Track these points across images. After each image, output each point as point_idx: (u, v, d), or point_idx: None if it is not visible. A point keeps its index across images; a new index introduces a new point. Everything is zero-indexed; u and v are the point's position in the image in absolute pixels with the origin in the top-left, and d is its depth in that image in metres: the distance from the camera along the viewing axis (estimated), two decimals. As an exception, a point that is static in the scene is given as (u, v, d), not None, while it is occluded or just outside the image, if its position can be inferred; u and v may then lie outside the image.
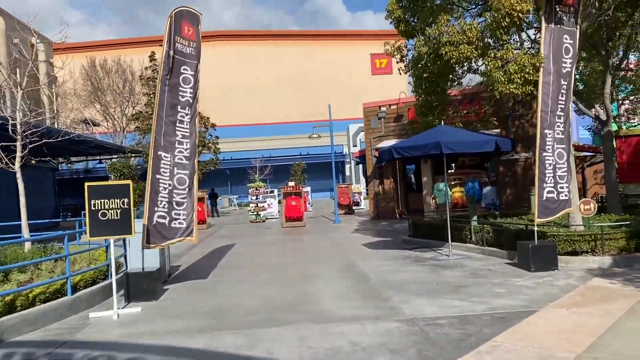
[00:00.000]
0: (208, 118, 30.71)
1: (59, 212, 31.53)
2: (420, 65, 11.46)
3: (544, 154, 9.37)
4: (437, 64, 10.70)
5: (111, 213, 7.63)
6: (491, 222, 11.71)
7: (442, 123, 11.40)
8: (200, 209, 23.67)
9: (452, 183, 21.86)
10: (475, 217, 11.99)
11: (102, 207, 7.59)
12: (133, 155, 28.29)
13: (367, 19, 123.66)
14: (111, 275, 7.91)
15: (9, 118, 10.96)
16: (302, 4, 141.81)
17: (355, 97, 47.99)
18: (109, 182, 7.91)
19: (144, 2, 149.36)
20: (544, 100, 9.23)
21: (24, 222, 10.97)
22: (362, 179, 44.31)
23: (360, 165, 43.62)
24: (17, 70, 12.48)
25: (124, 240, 9.75)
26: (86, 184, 7.56)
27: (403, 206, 23.57)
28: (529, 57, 9.19)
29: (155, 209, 8.91)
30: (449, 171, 23.23)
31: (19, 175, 11.17)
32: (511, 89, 9.32)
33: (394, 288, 8.28)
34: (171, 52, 9.29)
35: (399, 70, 16.29)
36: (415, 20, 12.65)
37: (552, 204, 9.48)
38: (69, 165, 31.07)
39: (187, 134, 9.43)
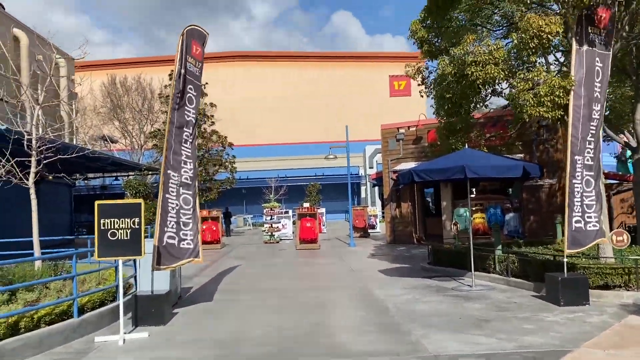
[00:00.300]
0: (225, 137, 30.68)
1: (74, 229, 31.50)
2: (443, 85, 11.11)
3: (574, 181, 8.91)
4: (462, 85, 10.35)
5: (121, 233, 7.34)
6: (516, 251, 11.19)
7: (467, 146, 10.99)
8: (215, 229, 23.44)
9: (473, 209, 21.38)
10: (499, 246, 11.47)
11: (112, 227, 7.31)
12: (149, 172, 28.29)
13: (386, 41, 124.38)
14: (119, 298, 7.59)
15: (24, 133, 10.82)
16: (320, 27, 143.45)
17: (373, 118, 47.80)
18: (120, 201, 7.66)
19: (165, 23, 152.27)
20: (574, 125, 8.81)
21: (35, 239, 10.75)
22: (378, 202, 43.83)
23: (377, 188, 43.19)
24: (39, 86, 12.40)
25: (135, 260, 9.44)
26: (96, 202, 7.30)
27: (421, 231, 23.03)
28: (559, 80, 8.80)
29: (165, 229, 8.62)
30: (472, 195, 22.79)
31: (32, 191, 10.96)
32: (541, 112, 8.92)
33: (414, 320, 7.81)
34: (183, 71, 9.10)
35: (420, 92, 15.99)
36: (439, 40, 12.36)
37: (581, 233, 8.98)
38: (85, 181, 31.13)
39: (190, 154, 9.21)
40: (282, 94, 53.70)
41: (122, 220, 7.35)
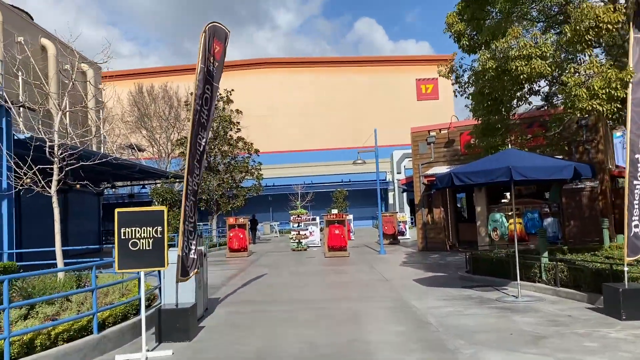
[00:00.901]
0: (252, 144, 30.36)
1: (103, 238, 31.53)
2: (483, 81, 10.39)
3: (635, 182, 8.10)
4: (504, 80, 9.63)
5: (142, 243, 6.85)
6: (565, 258, 10.35)
7: (510, 146, 10.24)
8: (242, 236, 23.01)
9: (509, 214, 20.46)
10: (545, 253, 10.65)
11: (133, 236, 6.83)
12: (176, 180, 28.13)
13: (410, 47, 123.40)
14: (141, 312, 7.10)
15: (46, 139, 10.51)
16: (344, 34, 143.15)
17: (400, 123, 46.99)
18: (141, 209, 7.18)
19: (193, 34, 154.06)
20: (633, 121, 8.02)
21: (58, 249, 10.42)
22: (407, 207, 42.96)
23: (405, 193, 42.33)
24: (66, 96, 12.12)
25: (159, 270, 8.96)
26: (116, 210, 6.83)
27: (454, 237, 22.19)
28: (616, 71, 8.03)
29: (183, 237, 8.14)
30: (502, 200, 21.84)
31: (54, 199, 10.65)
32: (594, 105, 8.15)
33: (460, 336, 7.12)
34: (205, 69, 8.63)
35: (454, 92, 15.28)
36: (478, 34, 11.66)
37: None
38: (113, 190, 31.18)
39: (199, 157, 8.74)
40: (307, 100, 53.32)
41: (144, 229, 6.86)
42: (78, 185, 21.79)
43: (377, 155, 22.17)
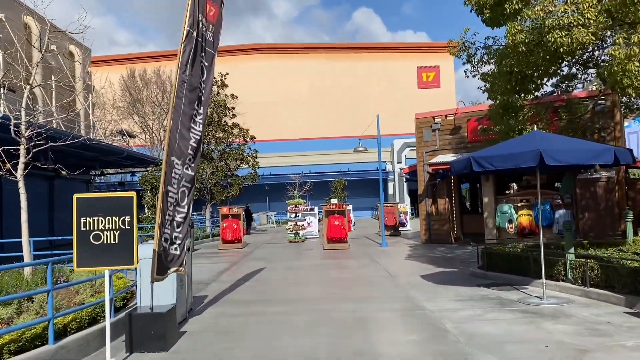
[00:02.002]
0: (247, 130, 29.13)
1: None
2: (510, 58, 9.14)
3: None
4: (537, 55, 8.41)
5: (107, 235, 5.70)
6: (596, 255, 9.19)
7: (535, 128, 9.05)
8: (236, 227, 21.87)
9: (519, 205, 19.34)
10: (572, 249, 9.52)
11: (95, 227, 5.67)
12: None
13: (408, 37, 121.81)
14: (107, 319, 5.94)
15: (10, 117, 9.30)
16: (341, 25, 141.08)
17: (401, 111, 45.78)
18: (106, 194, 5.99)
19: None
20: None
21: (24, 241, 9.25)
22: (407, 198, 41.86)
23: (406, 184, 41.22)
24: (34, 68, 10.86)
25: (139, 266, 7.77)
26: (75, 196, 5.65)
27: (458, 229, 21.08)
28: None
29: (163, 229, 6.96)
30: (508, 191, 20.69)
31: (21, 185, 9.40)
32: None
33: (487, 349, 5.99)
34: (194, 34, 7.41)
35: (465, 72, 14.07)
36: (503, 4, 10.41)
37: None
38: (103, 177, 29.96)
39: (198, 138, 7.53)
40: (305, 87, 51.96)
41: (109, 219, 5.70)
42: (64, 173, 20.59)
43: (380, 143, 21.00)
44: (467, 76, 14.11)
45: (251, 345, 6.57)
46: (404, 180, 37.83)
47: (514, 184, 27.52)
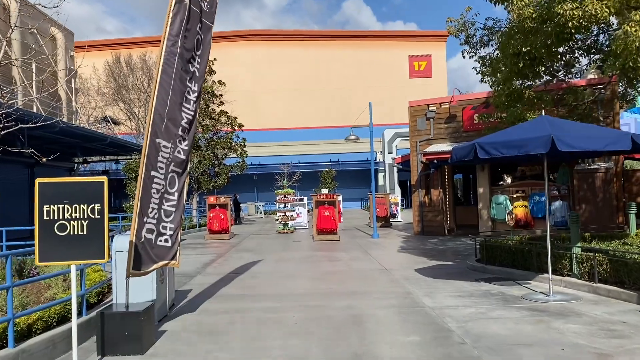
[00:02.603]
0: (235, 118, 28.34)
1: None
2: (515, 38, 8.55)
3: None
4: (545, 32, 7.84)
5: (74, 226, 5.04)
6: (604, 249, 8.66)
7: (544, 113, 8.48)
8: (223, 217, 21.20)
9: (514, 196, 18.89)
10: (578, 243, 9.02)
11: (61, 217, 5.00)
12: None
13: (397, 28, 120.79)
14: (73, 320, 5.29)
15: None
16: (331, 14, 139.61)
17: (392, 101, 45.22)
18: (73, 179, 5.30)
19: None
20: None
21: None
22: (398, 189, 41.39)
23: (396, 174, 40.75)
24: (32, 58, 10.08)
25: (113, 257, 7.11)
26: (37, 180, 4.98)
27: (452, 221, 20.61)
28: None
29: (145, 219, 6.30)
30: (501, 183, 20.23)
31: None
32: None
33: (497, 353, 5.45)
34: (186, 1, 6.70)
35: (463, 53, 13.50)
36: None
37: None
38: (86, 165, 29.06)
39: (191, 118, 6.87)
40: (295, 75, 51.07)
41: (76, 208, 5.04)
42: (44, 159, 19.78)
43: (372, 131, 20.38)
44: (464, 57, 13.57)
45: (237, 347, 5.97)
46: (397, 170, 37.25)
47: (505, 174, 27.09)
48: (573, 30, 7.42)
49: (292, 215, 23.84)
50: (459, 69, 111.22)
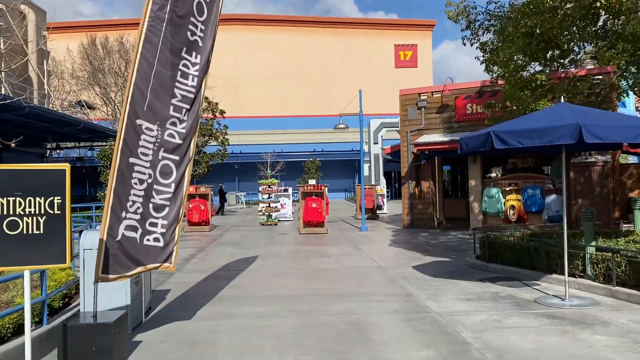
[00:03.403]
0: (217, 104, 27.26)
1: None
2: (530, 18, 7.79)
3: None
4: (570, 13, 7.09)
5: (28, 223, 4.13)
6: (621, 248, 8.00)
7: (563, 99, 7.76)
8: (203, 208, 20.25)
9: (507, 189, 18.30)
10: (592, 242, 8.37)
11: (11, 212, 4.10)
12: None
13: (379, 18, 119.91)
14: (26, 333, 4.41)
15: None
16: (313, 3, 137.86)
17: (377, 91, 44.43)
18: (26, 166, 4.38)
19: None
20: None
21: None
22: (383, 180, 40.76)
23: (381, 165, 40.09)
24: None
25: (80, 255, 6.19)
26: (-19, 167, 4.06)
27: (441, 214, 19.98)
28: None
29: (124, 214, 5.40)
30: (490, 175, 19.67)
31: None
32: None
33: (528, 372, 4.73)
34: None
35: (463, 39, 12.76)
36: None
37: None
38: (58, 152, 27.71)
39: (192, 96, 5.96)
40: (278, 62, 49.83)
41: (31, 201, 4.14)
42: (13, 144, 18.58)
43: (362, 120, 19.63)
44: (465, 44, 12.85)
45: (224, 364, 5.15)
46: (382, 161, 36.53)
47: (494, 167, 26.54)
48: (601, 10, 6.71)
49: (276, 207, 22.98)
50: (441, 60, 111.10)
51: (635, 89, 13.52)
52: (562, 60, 8.83)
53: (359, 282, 9.20)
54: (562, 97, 7.66)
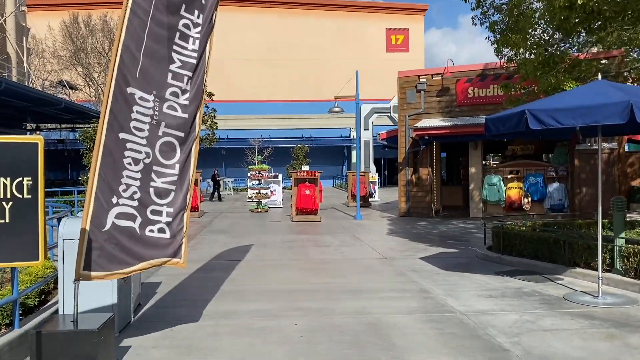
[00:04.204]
0: (205, 86, 26.18)
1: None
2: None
3: None
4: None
5: (-10, 210, 3.30)
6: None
7: (601, 77, 7.05)
8: (192, 193, 19.32)
9: (508, 177, 17.71)
10: (622, 233, 7.74)
11: (-32, 197, 3.26)
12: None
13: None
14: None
15: None
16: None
17: (368, 75, 43.44)
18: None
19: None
20: None
21: None
22: (373, 167, 40.09)
23: (372, 151, 39.40)
24: None
25: (61, 248, 5.35)
26: None
27: (438, 202, 19.33)
28: None
29: (114, 199, 4.57)
30: (485, 162, 19.01)
31: None
32: None
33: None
34: None
35: (473, 19, 12.02)
36: None
37: None
38: (37, 133, 26.49)
39: (194, 61, 5.14)
40: (267, 45, 48.49)
41: (-6, 183, 3.30)
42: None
43: (358, 103, 18.83)
44: (475, 24, 12.10)
45: (229, 376, 4.39)
46: (382, 147, 35.81)
47: (492, 155, 25.96)
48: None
49: (266, 193, 22.18)
50: (434, 46, 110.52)
51: None
52: (599, 33, 8.07)
53: (366, 276, 8.48)
54: (599, 75, 6.95)
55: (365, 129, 39.33)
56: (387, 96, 36.64)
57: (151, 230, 4.72)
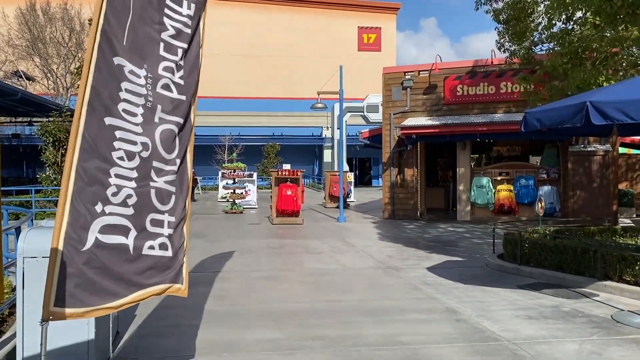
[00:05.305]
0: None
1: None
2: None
3: None
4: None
5: None
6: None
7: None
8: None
9: (498, 179, 17.06)
10: (665, 243, 6.98)
11: None
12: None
13: None
14: None
15: None
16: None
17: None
18: None
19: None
20: None
21: None
22: (346, 167, 39.25)
23: (345, 151, 38.53)
24: None
25: (21, 269, 4.12)
26: None
27: (422, 204, 18.56)
28: None
29: (98, 207, 3.38)
30: (471, 164, 18.41)
31: None
32: None
33: None
34: None
35: (477, 5, 11.22)
36: None
37: None
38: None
39: (187, 30, 4.02)
40: (236, 41, 47.02)
41: None
42: None
43: (342, 99, 17.89)
44: (477, 9, 11.33)
45: None
46: (364, 145, 34.98)
47: (477, 155, 25.43)
48: None
49: (241, 193, 20.96)
50: (404, 46, 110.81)
51: None
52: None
53: (376, 291, 7.47)
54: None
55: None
56: (360, 95, 35.81)
57: (151, 247, 3.56)
